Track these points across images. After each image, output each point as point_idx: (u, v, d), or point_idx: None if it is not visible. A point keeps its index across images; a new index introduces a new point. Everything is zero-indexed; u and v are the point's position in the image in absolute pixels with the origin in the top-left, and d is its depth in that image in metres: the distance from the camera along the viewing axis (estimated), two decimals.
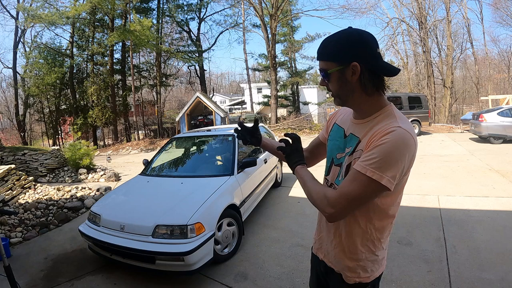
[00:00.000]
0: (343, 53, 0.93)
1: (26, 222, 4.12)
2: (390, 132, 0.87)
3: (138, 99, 21.19)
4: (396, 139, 0.86)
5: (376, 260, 1.04)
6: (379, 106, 0.98)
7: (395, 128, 0.88)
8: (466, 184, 4.83)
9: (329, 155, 1.14)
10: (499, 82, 26.00)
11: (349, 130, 1.06)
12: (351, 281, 1.05)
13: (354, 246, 1.03)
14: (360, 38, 0.93)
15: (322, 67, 0.97)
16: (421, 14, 21.56)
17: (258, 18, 17.92)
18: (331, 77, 0.97)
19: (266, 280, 2.57)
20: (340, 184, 0.95)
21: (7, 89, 27.47)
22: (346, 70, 0.93)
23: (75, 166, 7.30)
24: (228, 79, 59.31)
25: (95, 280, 2.74)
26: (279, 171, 5.48)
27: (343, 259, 1.06)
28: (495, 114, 8.65)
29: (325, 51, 0.96)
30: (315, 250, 1.23)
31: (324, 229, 1.16)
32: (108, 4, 15.31)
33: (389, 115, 0.96)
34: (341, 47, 0.93)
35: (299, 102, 26.60)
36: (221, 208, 2.88)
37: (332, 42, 0.95)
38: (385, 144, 0.86)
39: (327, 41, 0.96)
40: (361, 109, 1.01)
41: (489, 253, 2.71)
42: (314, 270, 1.27)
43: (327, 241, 1.13)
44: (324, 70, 0.97)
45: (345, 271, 1.06)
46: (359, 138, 0.99)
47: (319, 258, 1.18)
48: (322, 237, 1.17)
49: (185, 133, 5.26)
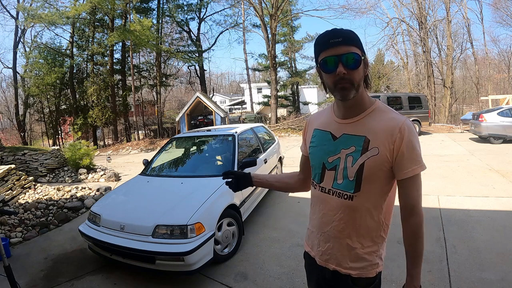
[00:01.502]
0: (362, 45, 0.97)
1: (26, 222, 4.12)
2: (406, 127, 0.96)
3: (138, 99, 21.19)
4: (413, 129, 0.98)
5: (378, 253, 1.08)
6: (370, 102, 1.04)
7: (404, 120, 0.98)
8: (466, 184, 4.83)
9: (318, 162, 1.10)
10: (499, 82, 25.99)
11: (340, 131, 1.05)
12: (372, 274, 1.06)
13: (370, 240, 1.05)
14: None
15: (353, 51, 0.93)
16: (421, 14, 21.56)
17: (258, 18, 17.93)
18: (361, 64, 0.96)
19: (266, 280, 2.57)
20: (411, 195, 0.99)
21: (7, 89, 27.51)
22: (365, 61, 0.98)
23: (75, 166, 7.29)
24: (228, 79, 59.37)
25: (95, 280, 2.74)
26: (279, 171, 5.48)
27: (361, 258, 1.05)
28: (495, 114, 8.65)
29: (352, 36, 0.95)
30: (322, 262, 1.12)
31: (331, 237, 1.09)
32: (108, 4, 15.31)
33: (385, 108, 1.03)
34: (360, 40, 0.97)
35: (299, 102, 26.62)
36: (221, 208, 2.88)
37: (350, 32, 0.96)
38: (411, 138, 0.96)
39: (344, 30, 0.96)
40: (357, 105, 1.02)
41: (489, 253, 2.71)
42: (313, 278, 1.20)
43: (338, 249, 1.07)
44: (357, 54, 0.94)
45: (354, 270, 1.05)
46: (365, 136, 0.99)
47: (330, 268, 1.09)
48: (331, 247, 1.09)
49: (185, 133, 5.25)
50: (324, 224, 1.10)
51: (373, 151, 0.97)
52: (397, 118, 0.99)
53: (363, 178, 0.99)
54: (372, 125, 1.00)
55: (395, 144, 0.95)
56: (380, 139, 0.97)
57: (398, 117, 0.99)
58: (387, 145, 0.96)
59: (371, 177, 0.99)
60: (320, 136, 1.12)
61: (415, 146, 0.96)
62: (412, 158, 0.95)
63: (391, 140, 0.96)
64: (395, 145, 0.95)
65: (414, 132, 0.97)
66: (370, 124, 1.00)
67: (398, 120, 0.98)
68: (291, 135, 14.81)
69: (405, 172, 0.97)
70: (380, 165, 0.98)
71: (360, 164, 0.99)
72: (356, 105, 1.02)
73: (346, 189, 1.03)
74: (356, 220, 1.03)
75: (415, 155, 0.96)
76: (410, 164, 0.96)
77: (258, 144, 4.74)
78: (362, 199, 1.01)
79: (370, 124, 1.00)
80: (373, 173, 0.99)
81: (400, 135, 0.95)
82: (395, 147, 0.96)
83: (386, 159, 0.97)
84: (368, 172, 0.99)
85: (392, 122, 0.97)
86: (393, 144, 0.96)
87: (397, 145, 0.95)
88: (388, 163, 0.98)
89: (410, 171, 0.96)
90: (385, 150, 0.96)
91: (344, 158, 1.02)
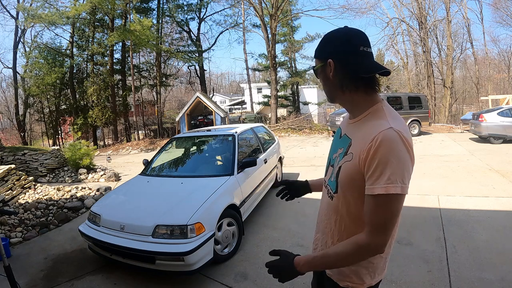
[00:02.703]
0: (323, 50, 0.97)
1: (26, 222, 4.12)
2: (381, 137, 0.83)
3: (138, 99, 21.19)
4: (391, 142, 0.82)
5: (371, 268, 0.98)
6: (367, 105, 0.96)
7: (384, 129, 0.84)
8: (466, 184, 4.82)
9: (328, 157, 1.15)
10: (499, 82, 26.00)
11: (344, 131, 1.07)
12: (343, 284, 1.01)
13: None
14: (341, 35, 0.94)
15: (314, 64, 1.03)
16: (421, 14, 21.56)
17: (258, 18, 17.92)
18: (318, 74, 1.01)
19: (266, 280, 2.57)
20: (374, 216, 0.85)
21: (7, 89, 27.53)
22: (326, 67, 0.96)
23: (75, 166, 7.29)
24: (228, 79, 59.36)
25: (95, 280, 2.74)
26: (279, 171, 5.48)
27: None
28: (495, 114, 8.65)
29: (316, 49, 1.01)
30: (312, 250, 1.19)
31: (320, 230, 1.14)
32: (108, 4, 15.31)
33: (378, 113, 0.93)
34: (322, 45, 0.98)
35: (299, 102, 26.62)
36: (221, 208, 2.88)
37: (321, 40, 0.99)
38: (384, 151, 0.82)
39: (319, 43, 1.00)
40: (350, 108, 1.02)
41: (489, 253, 2.71)
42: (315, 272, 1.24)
43: (321, 242, 1.11)
44: (313, 67, 1.03)
45: (337, 274, 1.03)
46: (350, 140, 0.98)
47: None
48: (318, 238, 1.15)
49: (185, 133, 5.25)
50: (319, 214, 1.16)
51: (349, 156, 0.94)
52: (379, 126, 0.87)
53: (338, 181, 0.98)
54: (360, 129, 0.95)
55: (365, 153, 0.86)
56: (357, 145, 0.91)
57: (381, 125, 0.87)
58: (360, 153, 0.88)
59: (344, 182, 0.95)
60: (336, 133, 1.16)
61: (386, 162, 0.81)
62: (381, 175, 0.82)
63: (364, 149, 0.86)
64: (365, 155, 0.86)
65: (393, 145, 0.82)
66: (360, 128, 0.95)
67: (378, 128, 0.86)
68: (291, 135, 14.80)
69: (368, 187, 0.86)
70: (352, 173, 0.91)
71: (339, 167, 0.98)
72: (352, 107, 1.02)
73: (331, 187, 1.04)
74: (337, 221, 1.01)
75: (386, 172, 0.81)
76: (379, 180, 0.82)
77: (258, 144, 4.74)
78: (339, 202, 1.00)
79: (360, 128, 0.95)
80: (346, 178, 0.94)
81: (372, 144, 0.84)
82: (364, 157, 0.86)
83: (357, 168, 0.89)
84: (342, 176, 0.96)
85: (372, 130, 0.87)
86: (364, 154, 0.86)
87: (366, 156, 0.85)
88: (360, 173, 0.88)
89: (376, 188, 0.83)
90: (358, 158, 0.89)
91: (337, 157, 1.04)
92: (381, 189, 0.82)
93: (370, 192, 0.85)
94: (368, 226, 0.87)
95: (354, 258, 0.90)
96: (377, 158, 0.83)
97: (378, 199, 0.83)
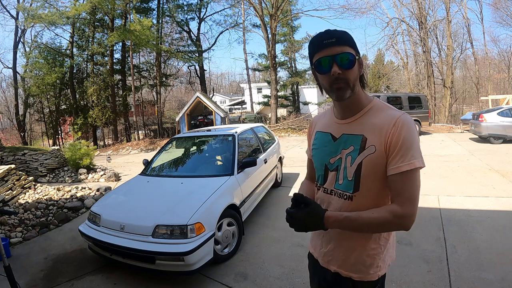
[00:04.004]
0: (356, 45, 0.98)
1: (26, 222, 4.12)
2: (401, 121, 0.94)
3: (138, 99, 21.19)
4: (409, 124, 0.94)
5: (388, 249, 1.07)
6: (368, 100, 1.04)
7: (400, 115, 0.96)
8: (466, 184, 4.83)
9: (320, 163, 1.11)
10: (499, 82, 26.00)
11: (340, 132, 1.06)
12: (374, 277, 1.03)
13: (372, 242, 1.03)
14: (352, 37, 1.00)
15: (347, 50, 0.94)
16: (421, 14, 21.56)
17: (258, 18, 17.93)
18: (355, 64, 0.96)
19: (266, 280, 2.57)
20: (404, 190, 0.92)
21: (7, 89, 27.52)
22: (359, 61, 0.98)
23: (75, 166, 7.29)
24: (228, 79, 59.38)
25: (95, 280, 2.74)
26: (279, 171, 5.48)
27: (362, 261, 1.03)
28: (495, 114, 8.65)
29: (345, 37, 0.95)
30: (324, 263, 1.13)
31: (333, 239, 1.09)
32: (108, 4, 15.31)
33: (382, 106, 1.02)
34: (351, 39, 0.97)
35: (299, 102, 26.63)
36: (221, 208, 2.88)
37: (344, 32, 0.97)
38: (406, 133, 0.92)
39: (338, 30, 0.97)
40: (354, 104, 1.02)
41: (489, 253, 2.71)
42: (316, 279, 1.21)
43: (339, 249, 1.07)
44: (351, 54, 0.94)
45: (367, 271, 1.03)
46: (362, 135, 0.99)
47: (331, 270, 1.10)
48: (332, 248, 1.10)
49: (185, 133, 5.25)
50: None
51: (370, 149, 0.96)
52: (393, 113, 0.97)
53: (361, 178, 0.99)
54: (369, 123, 0.99)
55: (389, 139, 0.93)
56: (376, 136, 0.96)
57: (394, 112, 0.97)
58: (383, 141, 0.94)
59: (369, 176, 0.98)
60: (321, 138, 1.13)
61: (410, 141, 0.92)
62: (406, 153, 0.91)
63: (386, 136, 0.94)
64: (389, 140, 0.93)
65: (412, 127, 0.94)
66: (368, 122, 0.99)
67: (394, 115, 0.96)
68: (291, 135, 14.81)
69: (393, 168, 0.93)
70: (377, 164, 0.96)
71: (358, 164, 0.99)
72: (353, 105, 1.02)
73: (346, 189, 1.03)
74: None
75: (410, 150, 0.91)
76: (404, 159, 0.91)
77: (258, 144, 4.74)
78: (361, 199, 1.00)
79: (368, 123, 0.99)
80: (371, 172, 0.97)
81: (394, 129, 0.93)
82: (388, 142, 0.93)
83: (383, 155, 0.95)
84: (366, 171, 0.98)
85: (388, 118, 0.96)
86: (387, 139, 0.93)
87: (390, 140, 0.93)
88: (384, 160, 0.95)
89: (403, 165, 0.91)
90: (381, 147, 0.95)
91: (344, 158, 1.02)
92: (408, 165, 0.91)
93: (396, 171, 0.92)
94: (399, 198, 0.93)
95: (385, 226, 0.96)
96: (401, 139, 0.92)
97: (405, 175, 0.92)
